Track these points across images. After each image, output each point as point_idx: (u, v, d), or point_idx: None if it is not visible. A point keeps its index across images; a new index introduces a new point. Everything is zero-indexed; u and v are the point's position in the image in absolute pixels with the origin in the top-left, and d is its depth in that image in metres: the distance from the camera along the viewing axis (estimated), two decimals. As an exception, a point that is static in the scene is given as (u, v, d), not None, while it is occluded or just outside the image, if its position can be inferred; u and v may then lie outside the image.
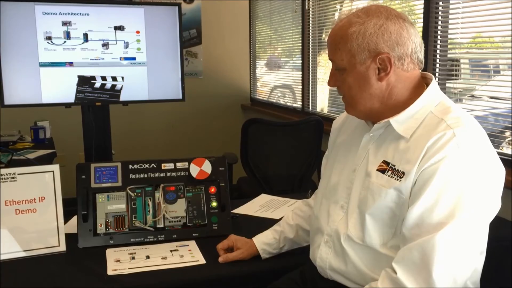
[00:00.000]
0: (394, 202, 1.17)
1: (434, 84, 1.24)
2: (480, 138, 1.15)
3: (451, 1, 2.45)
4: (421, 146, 1.13)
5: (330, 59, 1.27)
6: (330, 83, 1.29)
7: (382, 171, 1.20)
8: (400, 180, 1.15)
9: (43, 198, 1.64)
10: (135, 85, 2.73)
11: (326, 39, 3.35)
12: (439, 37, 2.51)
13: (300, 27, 4.07)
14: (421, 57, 1.23)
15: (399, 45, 1.17)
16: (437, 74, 2.54)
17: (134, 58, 2.71)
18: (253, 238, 1.57)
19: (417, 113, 1.20)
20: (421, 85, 1.25)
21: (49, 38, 2.55)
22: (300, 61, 4.13)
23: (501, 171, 1.17)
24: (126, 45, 2.68)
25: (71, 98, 2.63)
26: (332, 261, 1.30)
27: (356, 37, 1.18)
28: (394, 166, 1.18)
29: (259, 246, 1.55)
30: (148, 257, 1.57)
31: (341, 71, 1.24)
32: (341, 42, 1.21)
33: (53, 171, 1.66)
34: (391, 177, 1.18)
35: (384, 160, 1.22)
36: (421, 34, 2.57)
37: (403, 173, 1.15)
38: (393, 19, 1.18)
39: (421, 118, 1.19)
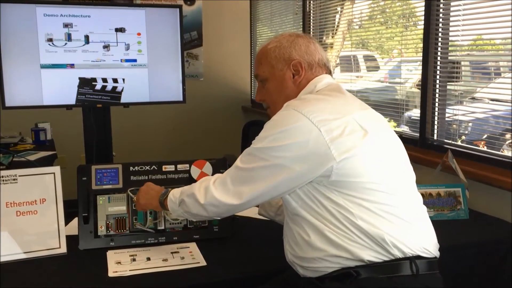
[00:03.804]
0: None
1: (311, 85, 1.41)
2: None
3: (452, 3, 2.45)
4: None
5: (255, 75, 1.51)
6: (257, 97, 1.53)
7: None
8: None
9: (44, 200, 1.64)
10: (136, 87, 2.72)
11: (327, 41, 3.36)
12: (440, 39, 2.51)
13: (301, 29, 4.07)
14: (329, 66, 1.48)
15: (308, 54, 1.44)
16: (438, 76, 2.54)
17: (135, 60, 2.70)
18: None
19: None
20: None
21: (50, 40, 2.55)
22: (301, 63, 4.11)
23: None
24: (127, 47, 2.68)
25: (72, 100, 2.63)
26: (288, 252, 1.37)
27: (274, 51, 1.45)
28: None
29: None
30: (148, 259, 1.58)
31: (264, 82, 1.48)
32: (263, 57, 1.48)
33: (54, 173, 1.67)
34: None
35: None
36: (422, 36, 2.58)
37: None
38: (302, 36, 1.47)
39: None
